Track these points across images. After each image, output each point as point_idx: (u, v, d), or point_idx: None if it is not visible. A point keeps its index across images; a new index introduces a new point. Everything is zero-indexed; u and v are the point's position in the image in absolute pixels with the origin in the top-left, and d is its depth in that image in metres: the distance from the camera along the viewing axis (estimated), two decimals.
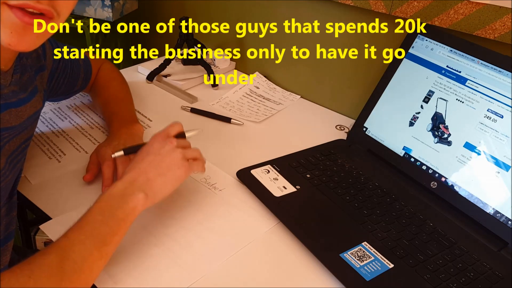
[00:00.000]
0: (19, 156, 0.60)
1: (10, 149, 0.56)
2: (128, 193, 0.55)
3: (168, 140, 0.61)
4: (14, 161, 0.58)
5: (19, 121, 0.57)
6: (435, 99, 0.76)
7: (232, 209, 0.69)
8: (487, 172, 0.68)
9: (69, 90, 0.82)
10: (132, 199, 0.55)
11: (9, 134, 0.55)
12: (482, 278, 0.60)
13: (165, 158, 0.59)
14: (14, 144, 0.58)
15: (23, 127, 0.59)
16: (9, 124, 0.55)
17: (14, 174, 0.59)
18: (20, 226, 1.04)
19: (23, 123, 0.58)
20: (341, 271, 0.58)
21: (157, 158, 0.59)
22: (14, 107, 0.55)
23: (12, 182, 0.59)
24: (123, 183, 0.56)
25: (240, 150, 0.84)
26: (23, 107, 0.57)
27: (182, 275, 0.57)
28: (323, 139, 0.88)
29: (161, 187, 0.58)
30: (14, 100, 0.55)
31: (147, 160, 0.59)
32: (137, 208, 0.55)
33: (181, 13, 1.21)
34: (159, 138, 0.62)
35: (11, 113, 0.55)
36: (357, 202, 0.71)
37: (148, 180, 0.57)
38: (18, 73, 0.57)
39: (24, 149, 0.61)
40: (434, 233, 0.67)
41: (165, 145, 0.60)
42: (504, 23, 0.72)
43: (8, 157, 0.56)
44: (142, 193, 0.55)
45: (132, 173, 0.57)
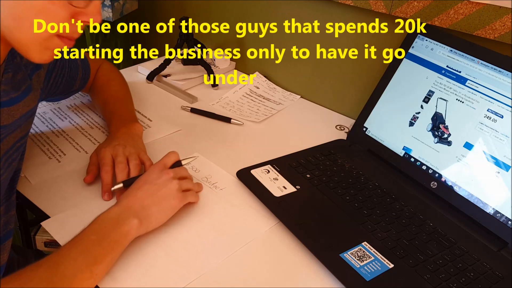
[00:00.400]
0: (14, 154, 0.60)
1: (4, 148, 0.56)
2: (123, 217, 0.57)
3: (165, 172, 0.64)
4: (9, 160, 0.58)
5: (11, 120, 0.57)
6: (435, 99, 0.76)
7: (232, 208, 0.69)
8: (487, 172, 0.68)
9: (68, 90, 0.82)
10: (126, 223, 0.57)
11: (1, 133, 0.55)
12: (482, 278, 0.60)
13: (161, 188, 0.62)
14: (8, 143, 0.58)
15: (16, 125, 0.59)
16: (1, 123, 0.55)
17: (9, 173, 0.59)
18: (20, 226, 1.04)
19: (16, 122, 0.58)
20: (341, 271, 0.58)
21: (153, 187, 0.62)
22: (6, 106, 0.56)
23: (7, 181, 0.59)
24: (119, 207, 0.59)
25: (240, 150, 0.84)
26: (15, 106, 0.58)
27: (182, 274, 0.57)
28: (323, 139, 0.88)
29: (155, 215, 0.61)
30: (5, 99, 0.56)
31: (144, 188, 0.61)
32: (130, 233, 0.57)
33: (181, 13, 1.21)
34: (156, 169, 0.65)
35: (3, 112, 0.55)
36: (357, 202, 0.71)
37: (143, 207, 0.59)
38: (10, 73, 0.57)
39: (19, 148, 0.61)
40: (434, 233, 0.67)
41: (161, 176, 0.63)
42: (504, 23, 0.72)
43: (2, 156, 0.56)
44: (136, 219, 0.58)
45: (128, 199, 0.60)
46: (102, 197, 0.67)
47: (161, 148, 0.80)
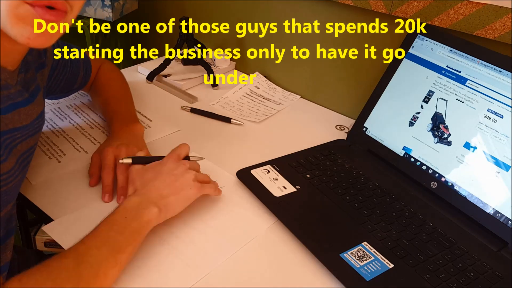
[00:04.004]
0: (30, 157, 0.60)
1: (22, 149, 0.56)
2: (143, 207, 0.58)
3: (181, 162, 0.65)
4: (24, 162, 0.58)
5: (29, 120, 0.57)
6: (435, 99, 0.76)
7: (233, 207, 0.69)
8: (487, 172, 0.68)
9: (68, 88, 0.83)
10: (147, 212, 0.57)
11: (22, 134, 0.55)
12: (482, 278, 0.60)
13: (179, 178, 0.63)
14: (28, 144, 0.58)
15: (35, 126, 0.59)
16: (20, 124, 0.55)
17: (23, 174, 0.59)
18: (20, 226, 1.04)
19: (34, 122, 0.58)
20: (341, 271, 0.58)
21: (170, 177, 0.62)
22: (23, 106, 0.55)
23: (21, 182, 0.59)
24: (138, 197, 0.59)
25: (240, 150, 0.84)
26: (31, 106, 0.57)
27: (187, 273, 0.57)
28: (323, 139, 0.88)
29: (173, 204, 0.61)
30: (20, 99, 0.55)
31: (161, 179, 0.62)
32: (151, 222, 0.58)
33: (181, 13, 1.21)
34: (171, 159, 0.66)
35: (20, 112, 0.55)
36: (357, 202, 0.71)
37: (162, 197, 0.60)
38: (23, 73, 0.57)
39: (34, 150, 0.62)
40: (434, 233, 0.67)
41: (178, 167, 0.64)
42: (504, 23, 0.72)
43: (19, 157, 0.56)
44: (156, 207, 0.58)
45: (146, 189, 0.61)
46: (102, 199, 0.68)
47: (161, 148, 0.80)
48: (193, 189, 0.63)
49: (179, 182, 0.62)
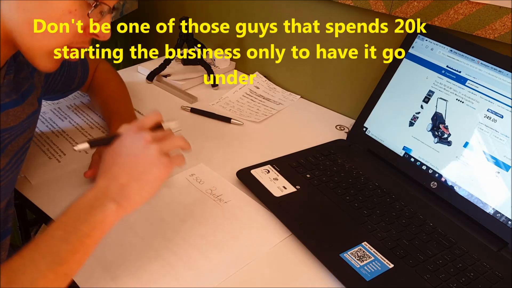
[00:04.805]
0: (23, 156, 0.60)
1: (13, 149, 0.56)
2: (97, 204, 0.48)
3: (141, 135, 0.51)
4: (18, 161, 0.58)
5: (18, 121, 0.57)
6: (435, 99, 0.76)
7: (234, 208, 0.69)
8: (487, 172, 0.68)
9: (66, 88, 0.82)
10: (100, 211, 0.48)
11: (10, 135, 0.55)
12: (482, 278, 0.60)
13: (139, 158, 0.50)
14: (18, 144, 0.58)
15: (24, 126, 0.59)
16: (8, 125, 0.55)
17: (15, 174, 0.59)
18: (20, 226, 1.03)
19: (23, 122, 0.58)
20: (341, 271, 0.58)
21: (129, 159, 0.50)
22: (11, 107, 0.56)
23: (14, 181, 0.59)
24: (94, 191, 0.50)
25: (240, 150, 0.84)
26: (20, 107, 0.58)
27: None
28: (323, 139, 0.88)
29: (137, 193, 0.50)
30: (7, 100, 0.55)
31: (118, 162, 0.50)
32: (106, 222, 0.48)
33: (181, 13, 1.21)
34: (130, 133, 0.52)
35: (9, 114, 0.55)
36: (357, 202, 0.71)
37: (122, 187, 0.49)
38: (12, 74, 0.57)
39: (27, 149, 0.62)
40: (434, 233, 0.67)
41: (136, 142, 0.51)
42: (504, 23, 0.72)
43: (12, 157, 0.56)
44: (113, 203, 0.48)
45: (103, 180, 0.50)
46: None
47: None
48: (159, 168, 0.50)
49: (140, 163, 0.50)
